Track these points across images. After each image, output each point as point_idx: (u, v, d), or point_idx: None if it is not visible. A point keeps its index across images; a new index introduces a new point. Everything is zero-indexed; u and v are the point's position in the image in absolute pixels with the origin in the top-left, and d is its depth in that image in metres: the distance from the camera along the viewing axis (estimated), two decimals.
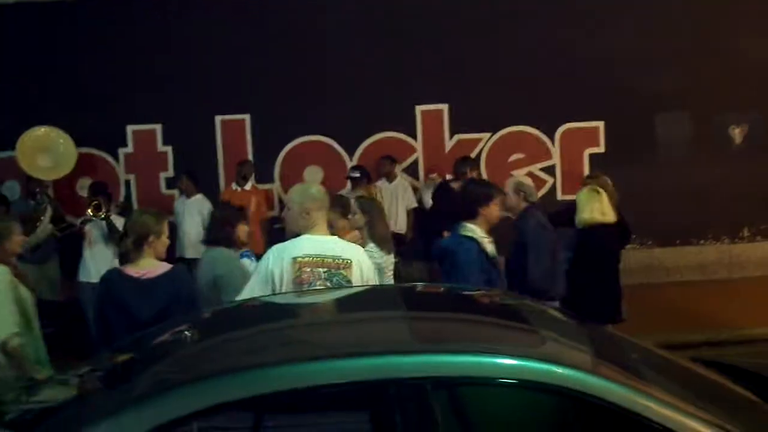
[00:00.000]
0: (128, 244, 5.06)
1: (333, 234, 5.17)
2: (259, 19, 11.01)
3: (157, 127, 11.22)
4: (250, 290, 4.89)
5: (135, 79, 10.90)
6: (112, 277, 5.10)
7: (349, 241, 5.36)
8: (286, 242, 4.97)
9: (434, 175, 10.99)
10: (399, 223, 10.63)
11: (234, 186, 10.49)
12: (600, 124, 11.44)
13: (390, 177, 10.83)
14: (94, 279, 8.58)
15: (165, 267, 5.07)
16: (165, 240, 5.17)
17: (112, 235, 8.62)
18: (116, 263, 8.67)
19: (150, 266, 5.02)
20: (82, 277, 8.89)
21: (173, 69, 10.95)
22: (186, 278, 5.16)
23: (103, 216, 8.70)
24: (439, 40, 11.10)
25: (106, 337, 4.85)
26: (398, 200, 10.71)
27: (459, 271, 5.52)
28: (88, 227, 8.90)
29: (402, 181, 10.92)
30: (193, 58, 10.99)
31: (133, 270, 5.01)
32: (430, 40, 11.09)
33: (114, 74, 10.89)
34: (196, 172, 10.45)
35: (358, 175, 10.28)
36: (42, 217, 9.13)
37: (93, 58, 10.88)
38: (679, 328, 8.77)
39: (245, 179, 10.51)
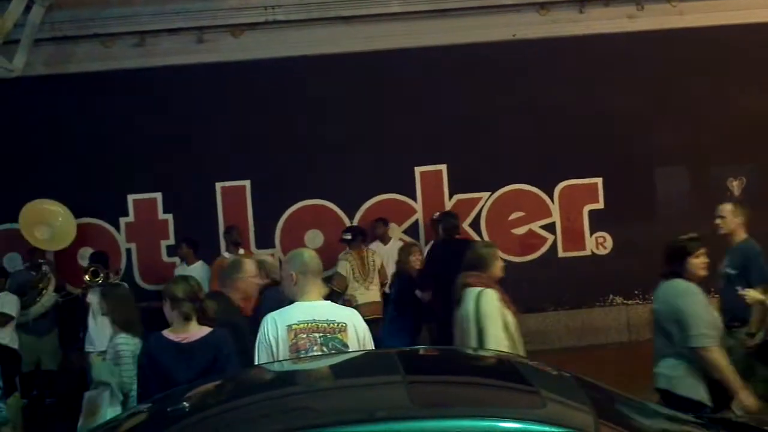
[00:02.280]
0: (189, 309, 5.11)
1: None
2: (257, 86, 11.15)
3: (158, 196, 11.31)
4: (257, 359, 4.89)
5: (135, 149, 11.04)
6: (153, 341, 5.17)
7: None
8: (280, 309, 4.97)
9: (437, 214, 10.93)
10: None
11: (227, 254, 10.34)
12: (599, 181, 11.47)
13: (384, 239, 10.82)
14: (101, 348, 8.67)
15: (204, 331, 5.13)
16: (213, 305, 5.29)
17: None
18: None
19: (191, 330, 5.09)
20: (88, 347, 8.89)
21: (173, 138, 11.08)
22: (224, 342, 5.15)
23: (100, 282, 8.74)
24: (437, 102, 11.21)
25: (145, 398, 4.87)
26: (391, 262, 10.65)
27: None
28: (90, 297, 8.92)
29: (396, 243, 10.85)
30: (192, 126, 11.13)
31: (173, 334, 5.09)
32: (428, 102, 11.22)
33: (114, 144, 11.05)
34: (195, 240, 10.51)
35: (350, 237, 10.21)
36: (46, 288, 9.19)
37: (93, 129, 11.04)
38: None
39: (237, 245, 10.48)
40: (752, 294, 6.57)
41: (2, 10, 10.17)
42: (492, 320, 5.62)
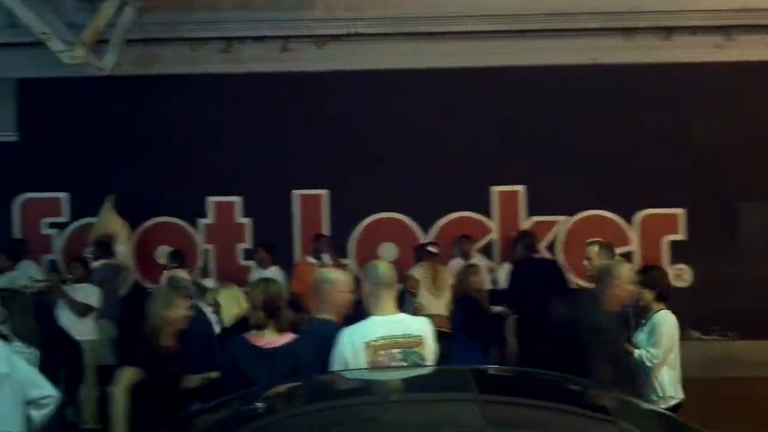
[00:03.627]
0: (261, 317, 5.11)
1: None
2: (338, 97, 11.20)
3: (237, 200, 11.43)
4: None
5: (217, 152, 11.20)
6: (236, 342, 5.18)
7: None
8: (356, 324, 4.94)
9: (516, 234, 10.90)
10: None
11: (310, 259, 10.50)
12: (681, 212, 11.23)
13: (467, 256, 10.77)
14: None
15: (288, 338, 5.13)
16: (289, 312, 5.29)
17: (200, 293, 8.78)
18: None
19: (274, 336, 5.10)
20: None
21: (254, 143, 11.23)
22: (307, 351, 5.13)
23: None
24: (517, 121, 11.14)
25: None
26: None
27: None
28: None
29: (478, 260, 10.82)
30: (273, 132, 11.25)
31: (257, 338, 5.10)
32: (507, 122, 11.14)
33: (196, 146, 11.23)
34: (272, 245, 10.58)
35: (436, 251, 10.25)
36: None
37: (177, 130, 11.26)
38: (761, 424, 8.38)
39: (320, 254, 10.51)
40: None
41: (95, 10, 10.44)
42: None
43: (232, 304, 7.48)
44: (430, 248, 10.30)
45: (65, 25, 10.67)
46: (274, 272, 10.03)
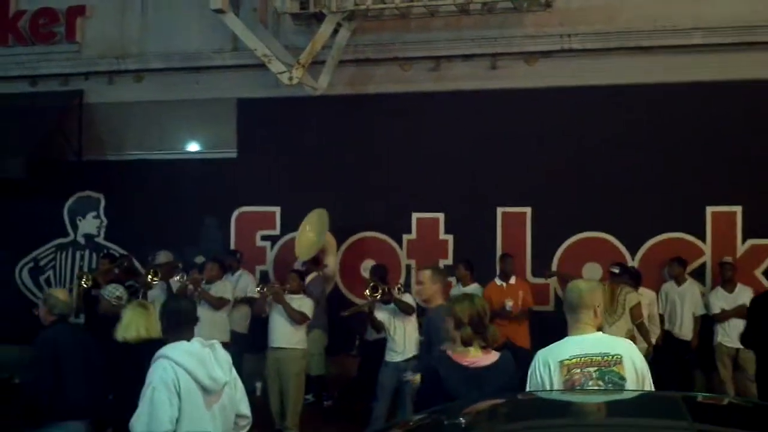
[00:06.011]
0: (468, 334, 5.03)
1: None
2: (549, 114, 11.06)
3: (440, 216, 11.51)
4: None
5: (423, 169, 11.36)
6: (440, 361, 5.10)
7: None
8: (551, 345, 4.85)
9: (728, 259, 10.45)
10: (684, 328, 10.14)
11: (498, 281, 10.39)
12: None
13: (679, 280, 10.34)
14: (396, 359, 8.78)
15: (493, 356, 5.06)
16: (494, 328, 5.16)
17: (402, 311, 8.87)
18: (413, 340, 8.96)
19: (479, 355, 5.03)
20: (387, 357, 9.09)
21: (459, 160, 11.30)
22: (512, 369, 5.06)
23: (378, 296, 8.96)
24: (735, 139, 10.61)
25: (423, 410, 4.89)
26: (685, 305, 10.20)
27: None
28: (377, 312, 9.13)
29: (691, 285, 10.39)
30: (479, 150, 11.27)
31: (462, 357, 5.03)
32: (727, 138, 10.63)
33: (404, 163, 11.44)
34: (472, 262, 10.56)
35: (617, 271, 9.77)
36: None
37: (386, 148, 11.52)
38: None
39: (507, 276, 10.42)
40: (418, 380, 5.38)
41: (311, 33, 10.90)
42: None
43: (131, 324, 7.07)
44: (612, 268, 9.88)
45: (283, 47, 11.23)
46: (474, 290, 9.99)
